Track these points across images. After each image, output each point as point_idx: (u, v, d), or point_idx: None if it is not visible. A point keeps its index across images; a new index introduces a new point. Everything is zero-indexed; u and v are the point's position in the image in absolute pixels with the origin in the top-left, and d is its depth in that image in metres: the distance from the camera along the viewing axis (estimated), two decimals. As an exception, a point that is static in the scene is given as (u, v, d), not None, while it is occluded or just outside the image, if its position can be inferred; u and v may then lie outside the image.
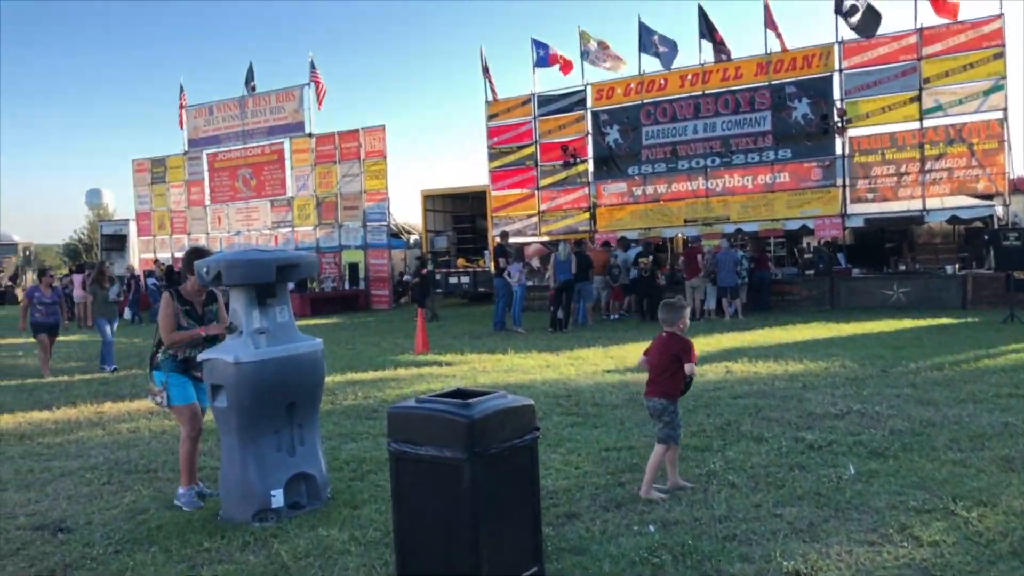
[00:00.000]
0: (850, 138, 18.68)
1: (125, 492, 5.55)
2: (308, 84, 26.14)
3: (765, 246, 20.05)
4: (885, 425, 6.50)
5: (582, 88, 21.88)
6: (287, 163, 26.90)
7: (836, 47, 18.70)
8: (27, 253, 38.81)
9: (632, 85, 21.21)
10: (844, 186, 18.65)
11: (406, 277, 25.11)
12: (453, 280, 24.40)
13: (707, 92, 20.21)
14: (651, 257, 17.18)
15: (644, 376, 9.21)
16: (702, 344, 12.17)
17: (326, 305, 23.87)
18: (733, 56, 20.02)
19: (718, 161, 20.17)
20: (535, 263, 21.09)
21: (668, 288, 18.76)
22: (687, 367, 5.05)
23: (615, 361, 10.74)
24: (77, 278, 21.83)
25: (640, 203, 21.21)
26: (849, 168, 18.66)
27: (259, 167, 27.57)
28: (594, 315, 17.04)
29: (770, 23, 19.51)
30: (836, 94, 18.70)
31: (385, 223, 25.00)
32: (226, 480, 4.91)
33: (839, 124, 18.28)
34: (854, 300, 17.70)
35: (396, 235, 26.82)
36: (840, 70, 18.59)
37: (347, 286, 25.19)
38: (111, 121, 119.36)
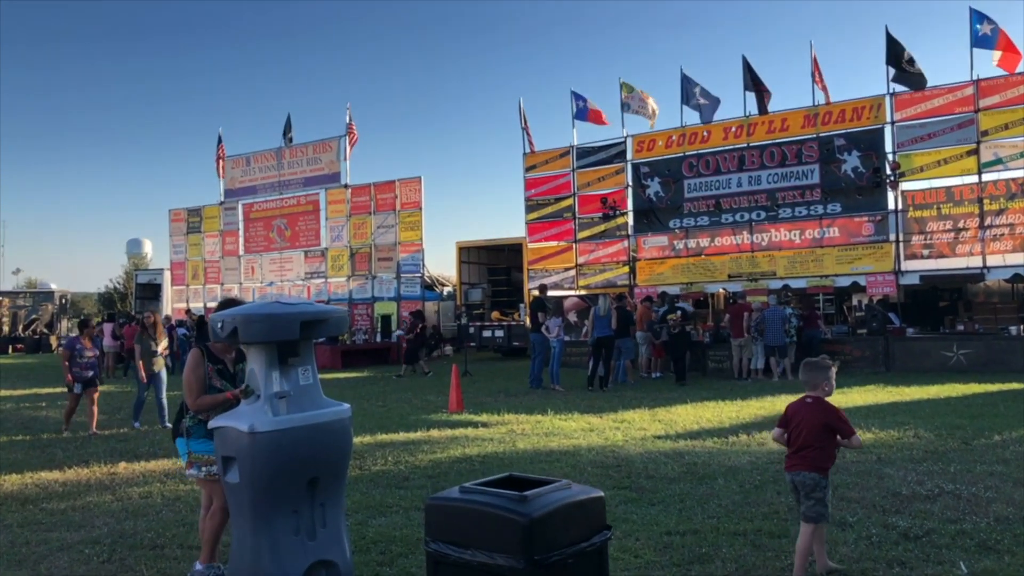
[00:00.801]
0: (903, 192, 17.93)
1: (125, 574, 4.92)
2: (344, 135, 26.11)
3: (814, 303, 19.18)
4: (987, 511, 5.68)
5: (622, 140, 21.45)
6: (322, 214, 26.75)
7: (887, 99, 18.08)
8: (63, 301, 39.01)
9: (674, 137, 20.74)
10: (897, 241, 17.83)
11: (398, 332, 24.48)
12: (487, 334, 23.84)
13: (752, 144, 19.64)
14: (679, 312, 16.30)
15: (698, 444, 8.53)
16: (755, 408, 11.39)
17: (357, 358, 23.32)
18: (778, 108, 19.50)
19: (763, 215, 19.50)
20: (572, 317, 20.49)
21: (711, 346, 18.02)
22: (854, 439, 4.59)
23: (664, 425, 9.96)
24: (107, 327, 21.59)
25: (682, 257, 20.53)
26: (903, 223, 17.85)
27: (294, 217, 27.45)
28: (634, 373, 16.26)
29: (817, 75, 19.00)
30: (888, 147, 18.03)
31: (419, 275, 24.57)
32: (236, 566, 4.25)
33: (892, 177, 17.54)
34: (911, 362, 16.73)
35: (430, 287, 26.37)
36: (892, 122, 17.94)
37: (379, 338, 24.66)
38: (152, 171, 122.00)
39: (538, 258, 22.86)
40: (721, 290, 21.48)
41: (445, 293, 28.08)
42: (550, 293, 22.21)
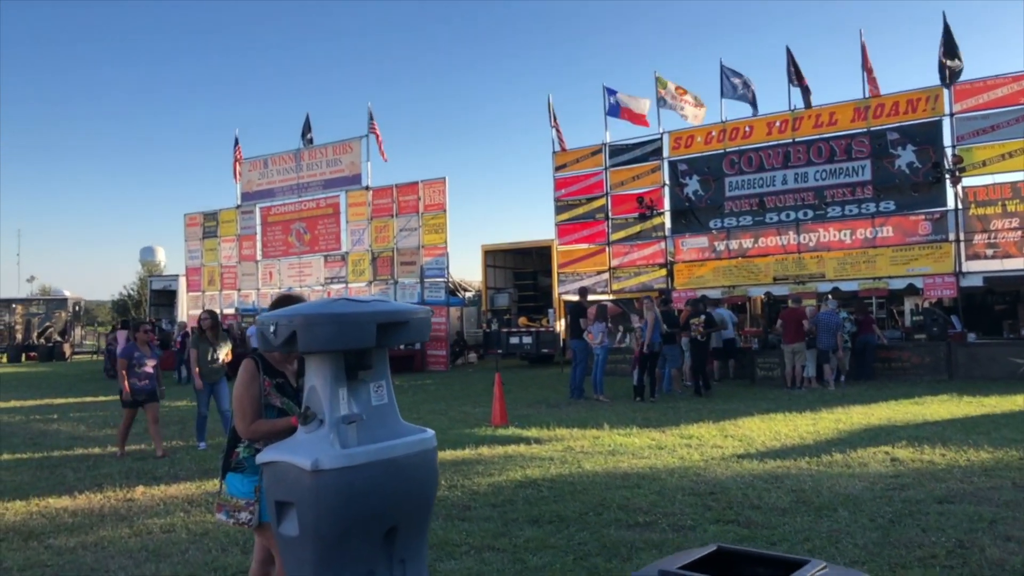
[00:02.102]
0: (963, 188, 16.84)
1: (147, 639, 3.96)
2: (367, 135, 25.22)
3: (867, 307, 18.08)
4: None
5: (658, 136, 20.45)
6: (342, 217, 25.83)
7: (945, 90, 17.00)
8: (77, 308, 38.28)
9: (714, 133, 19.71)
10: (958, 241, 16.73)
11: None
12: (514, 340, 22.84)
13: (798, 139, 18.59)
14: (703, 317, 14.98)
15: (791, 465, 7.46)
16: (831, 421, 10.33)
17: (380, 366, 22.36)
18: (826, 101, 18.48)
19: (811, 214, 18.43)
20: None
21: (760, 353, 16.96)
22: None
23: (740, 442, 8.93)
24: (121, 334, 20.71)
25: (723, 259, 19.48)
26: (963, 221, 16.76)
27: (313, 221, 26.55)
28: (679, 382, 15.21)
29: (866, 66, 17.97)
30: (946, 140, 16.95)
31: (444, 279, 23.60)
32: (293, 641, 3.28)
33: (954, 173, 16.46)
34: (976, 370, 15.63)
35: (453, 292, 25.41)
36: (951, 114, 16.85)
37: (402, 345, 23.67)
38: (166, 176, 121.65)
39: (568, 261, 21.86)
40: (760, 295, 20.40)
41: (468, 298, 27.13)
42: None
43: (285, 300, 3.68)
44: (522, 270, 25.77)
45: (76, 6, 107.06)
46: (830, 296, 16.88)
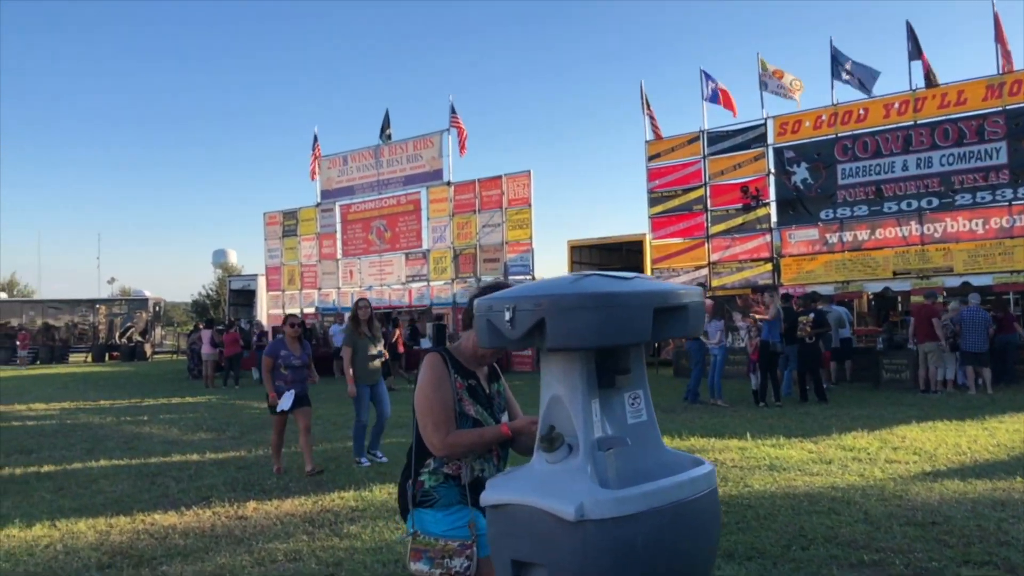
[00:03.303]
0: (1117, 170, 15.16)
1: None
2: (448, 130, 24.49)
3: (1006, 303, 16.49)
4: None
5: (762, 122, 19.14)
6: (423, 213, 25.16)
7: (1094, 61, 15.35)
8: (157, 308, 38.68)
9: (824, 117, 18.32)
10: (1112, 229, 15.07)
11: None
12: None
13: (920, 122, 17.08)
14: (811, 315, 13.53)
15: (1008, 487, 6.26)
16: (1009, 432, 8.98)
17: (465, 366, 21.60)
18: (954, 79, 16.95)
19: (936, 202, 16.90)
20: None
21: (886, 354, 15.56)
22: None
23: (916, 456, 7.74)
24: (206, 334, 20.40)
25: (836, 252, 18.08)
26: (1118, 207, 15.08)
27: (394, 218, 25.97)
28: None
29: (1000, 39, 16.38)
30: (1096, 117, 15.29)
31: (529, 276, 22.67)
32: None
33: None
34: None
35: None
36: (1102, 88, 15.21)
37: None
38: (240, 178, 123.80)
39: (663, 256, 20.70)
40: (868, 292, 18.92)
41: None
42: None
43: (493, 288, 2.76)
44: (608, 266, 24.68)
45: (138, 11, 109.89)
46: (943, 291, 15.39)
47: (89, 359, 34.44)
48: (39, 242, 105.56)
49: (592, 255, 24.32)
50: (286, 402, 7.89)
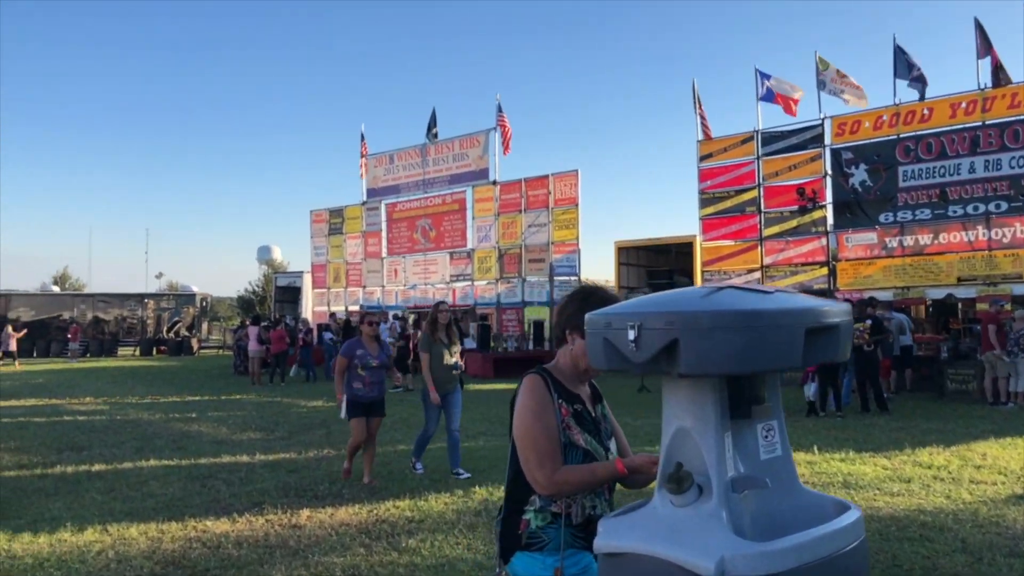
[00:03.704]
0: None
1: None
2: (494, 129, 24.26)
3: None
4: None
5: (819, 122, 18.57)
6: (469, 213, 24.99)
7: None
8: (204, 303, 39.08)
9: (884, 117, 17.70)
10: None
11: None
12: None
13: (989, 122, 16.39)
14: (868, 322, 12.96)
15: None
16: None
17: (509, 367, 21.34)
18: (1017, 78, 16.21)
19: (1005, 206, 16.19)
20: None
21: (951, 363, 14.93)
22: None
23: (1003, 476, 7.26)
24: (253, 330, 20.40)
25: (896, 257, 17.45)
26: None
27: (439, 217, 25.84)
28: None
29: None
30: None
31: (576, 276, 22.34)
32: None
33: None
34: None
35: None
36: None
37: (531, 346, 22.59)
38: (285, 174, 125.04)
39: (714, 259, 20.22)
40: (928, 298, 18.22)
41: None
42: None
43: (591, 295, 2.47)
44: (655, 268, 24.26)
45: (183, 7, 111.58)
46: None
47: (137, 353, 34.90)
48: (90, 236, 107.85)
49: (639, 256, 23.94)
50: (347, 410, 7.41)
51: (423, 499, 6.78)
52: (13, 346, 27.52)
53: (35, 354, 32.36)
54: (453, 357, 7.82)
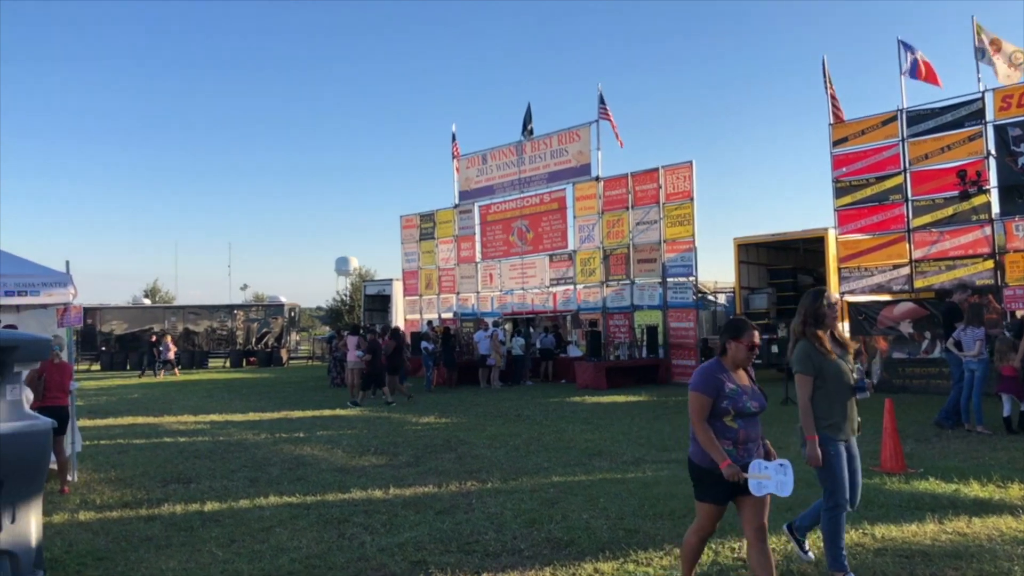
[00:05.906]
0: None
1: None
2: (596, 121, 22.69)
3: None
4: None
5: (979, 96, 16.37)
6: (569, 212, 23.45)
7: None
8: (292, 314, 38.59)
9: (1060, 86, 15.45)
10: None
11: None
12: (775, 349, 19.38)
13: None
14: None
15: None
16: None
17: (622, 376, 19.73)
18: None
19: None
20: (906, 328, 15.97)
21: None
22: None
23: None
24: (351, 340, 19.25)
25: (1078, 246, 15.18)
26: None
27: (537, 218, 24.37)
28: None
29: None
30: None
31: (692, 277, 20.55)
32: None
33: None
34: None
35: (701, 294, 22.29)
36: None
37: (644, 353, 20.89)
38: (369, 182, 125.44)
39: (852, 254, 18.14)
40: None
41: (713, 301, 23.99)
42: (872, 297, 17.58)
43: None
44: (778, 267, 22.26)
45: (269, 11, 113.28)
46: None
47: (227, 364, 34.52)
48: (176, 250, 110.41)
49: (761, 254, 22.00)
50: (776, 486, 3.92)
51: (629, 558, 5.23)
52: (171, 355, 28.81)
53: (128, 367, 32.21)
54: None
